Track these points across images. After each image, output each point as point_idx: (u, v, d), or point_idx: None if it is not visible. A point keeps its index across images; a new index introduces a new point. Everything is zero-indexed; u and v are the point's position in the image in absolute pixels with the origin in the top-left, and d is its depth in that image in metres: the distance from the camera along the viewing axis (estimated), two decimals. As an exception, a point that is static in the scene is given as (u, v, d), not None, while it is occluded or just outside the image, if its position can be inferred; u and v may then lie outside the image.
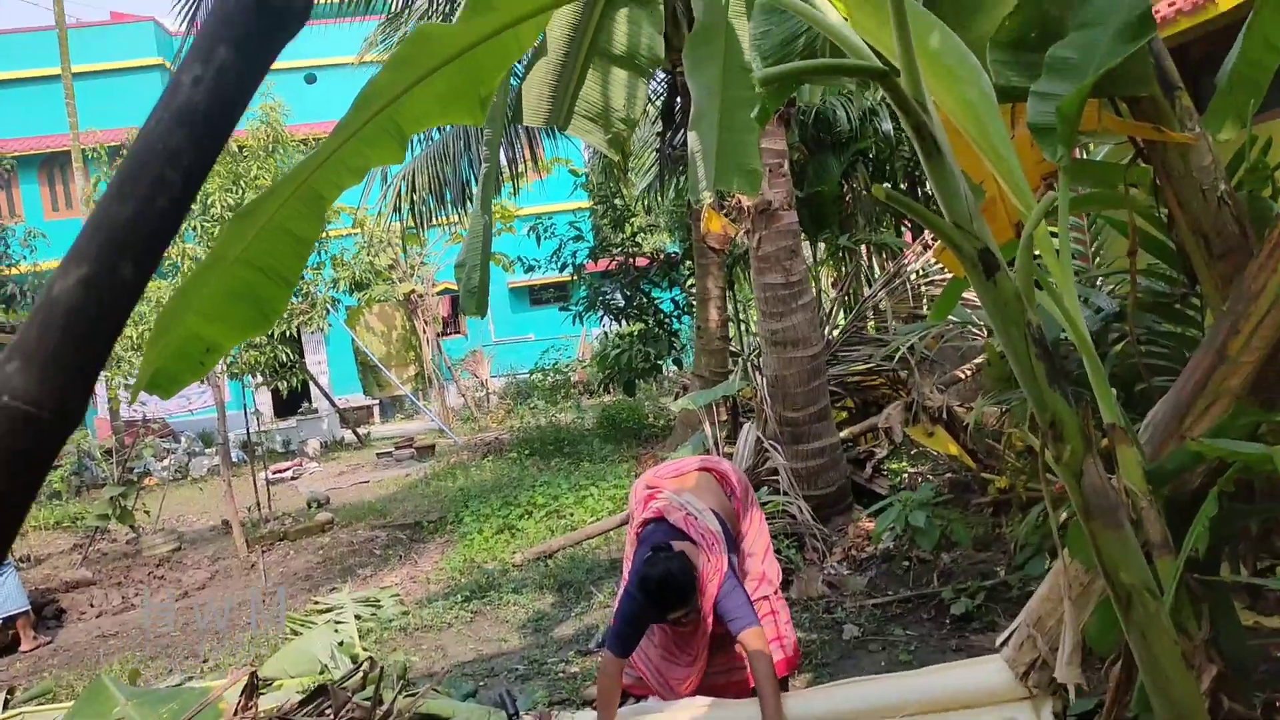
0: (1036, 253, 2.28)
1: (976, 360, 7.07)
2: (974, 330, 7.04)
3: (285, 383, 17.28)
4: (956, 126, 2.59)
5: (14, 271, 17.75)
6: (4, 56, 22.08)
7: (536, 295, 24.82)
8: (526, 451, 12.50)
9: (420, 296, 20.22)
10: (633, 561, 3.80)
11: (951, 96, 2.48)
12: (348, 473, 14.64)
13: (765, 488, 6.43)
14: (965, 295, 4.61)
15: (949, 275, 7.88)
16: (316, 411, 20.33)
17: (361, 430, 18.95)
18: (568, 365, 20.09)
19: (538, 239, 13.73)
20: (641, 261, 13.92)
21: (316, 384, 19.34)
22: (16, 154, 20.87)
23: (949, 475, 7.02)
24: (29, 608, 7.15)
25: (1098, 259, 4.95)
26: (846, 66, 2.08)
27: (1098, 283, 4.71)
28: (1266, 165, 3.29)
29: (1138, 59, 2.81)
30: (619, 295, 13.56)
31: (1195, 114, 3.08)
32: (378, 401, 22.68)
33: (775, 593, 3.96)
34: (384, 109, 2.02)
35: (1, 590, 6.91)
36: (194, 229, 15.60)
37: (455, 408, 20.32)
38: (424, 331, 20.55)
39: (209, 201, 15.24)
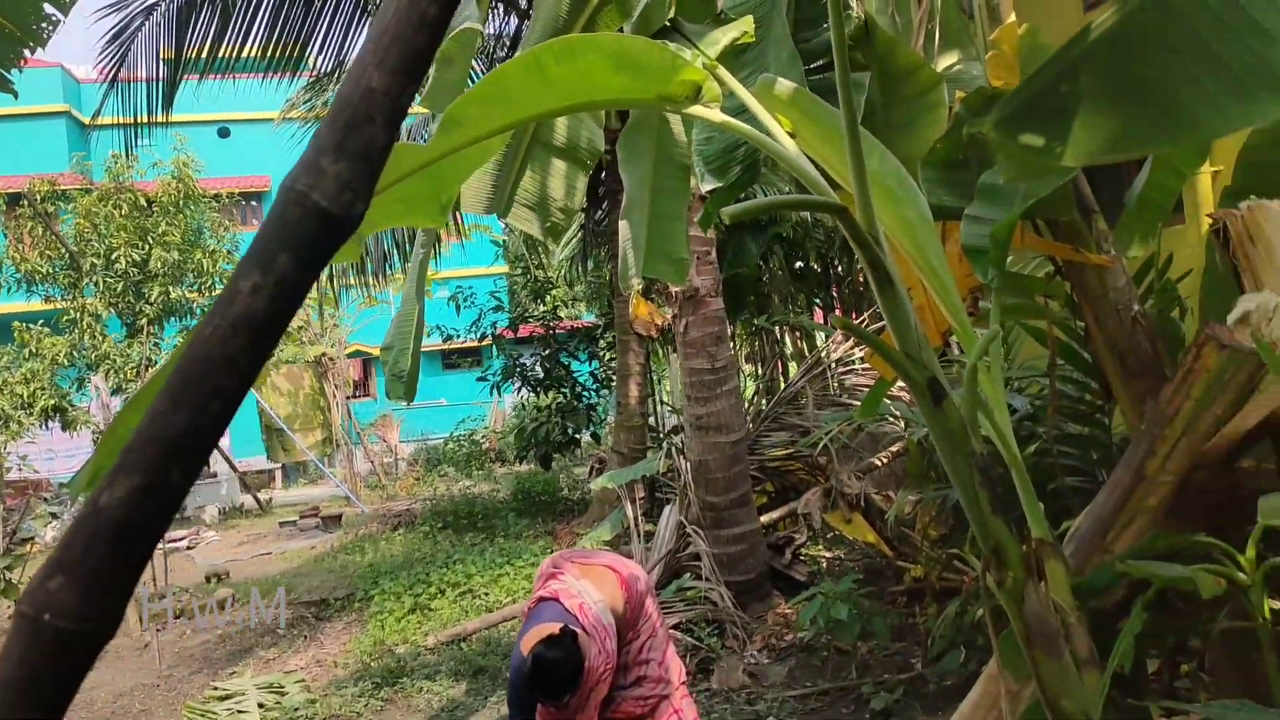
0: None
1: (893, 448, 7.22)
2: (891, 419, 7.21)
3: (185, 445, 16.67)
4: (894, 241, 2.69)
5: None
6: (-101, 97, 21.21)
7: (450, 360, 24.58)
8: (439, 524, 12.24)
9: (331, 359, 19.83)
10: (518, 636, 3.72)
11: (891, 215, 2.58)
12: (248, 543, 14.09)
13: (687, 573, 6.43)
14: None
15: (867, 366, 8.09)
16: (215, 476, 19.60)
17: (263, 496, 18.33)
18: (481, 434, 19.86)
19: (457, 308, 13.65)
20: (562, 329, 13.94)
21: (217, 447, 18.71)
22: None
23: (865, 561, 7.12)
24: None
25: (1013, 360, 5.15)
26: (807, 203, 2.15)
27: (1012, 383, 4.89)
28: (1173, 286, 3.48)
29: (1061, 186, 2.97)
30: (538, 367, 13.52)
31: (1110, 236, 3.26)
32: (281, 466, 22.00)
33: (679, 691, 3.88)
34: (344, 219, 2.01)
35: None
36: (96, 284, 15.10)
37: (363, 474, 19.84)
38: (333, 395, 20.12)
39: (114, 257, 14.80)
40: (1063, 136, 1.08)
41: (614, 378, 11.59)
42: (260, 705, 5.97)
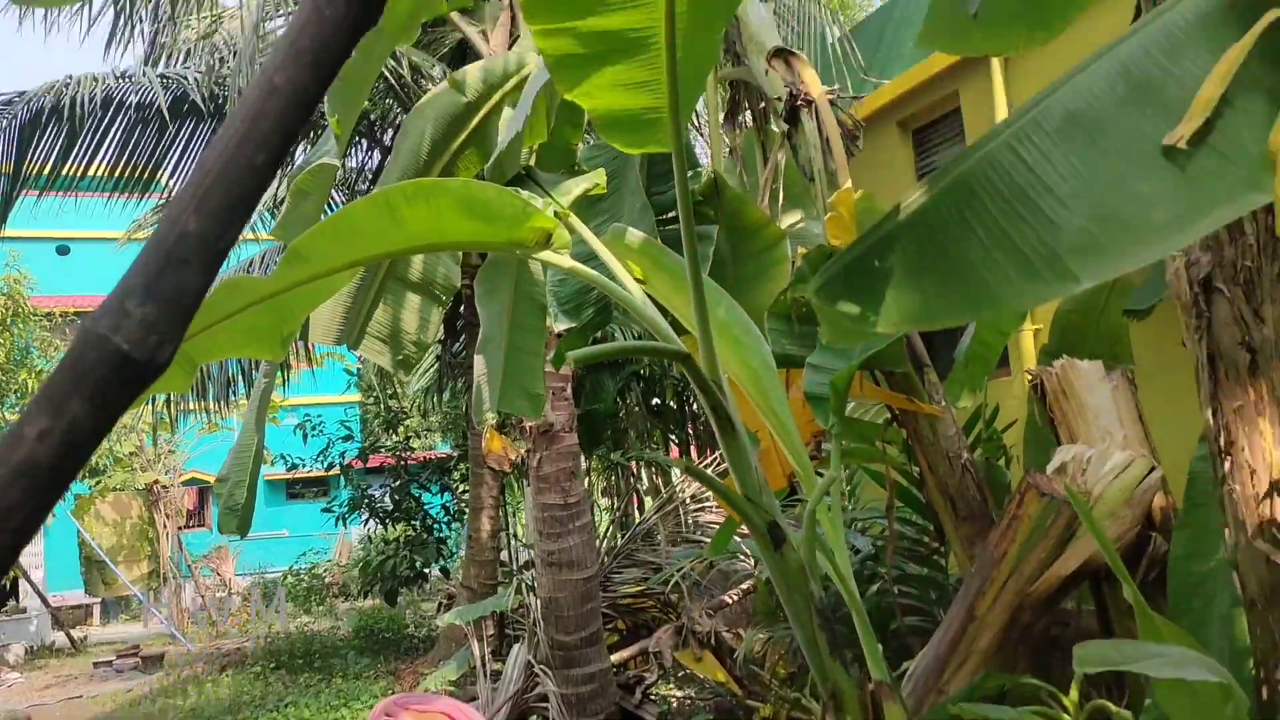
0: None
1: (743, 585, 7.25)
2: (741, 556, 7.26)
3: (-10, 579, 15.25)
4: (739, 387, 2.77)
5: None
6: None
7: (294, 489, 23.54)
8: (272, 664, 11.45)
9: (164, 487, 18.71)
10: None
11: (737, 362, 2.66)
12: (56, 686, 12.82)
13: (534, 715, 6.18)
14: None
15: (718, 505, 8.18)
16: (25, 611, 17.90)
17: (78, 633, 16.80)
18: (324, 568, 18.93)
19: (305, 436, 13.18)
20: (414, 460, 13.60)
21: (28, 579, 17.16)
22: None
23: (715, 700, 7.01)
24: None
25: (856, 501, 5.30)
26: (651, 349, 2.20)
27: (855, 524, 5.02)
28: (999, 435, 3.69)
29: (895, 341, 3.14)
30: (388, 498, 13.10)
31: (941, 388, 3.45)
32: (100, 601, 20.31)
33: None
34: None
35: None
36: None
37: (191, 609, 18.51)
38: (164, 525, 18.89)
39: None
40: (875, 306, 1.15)
41: (466, 510, 11.33)
42: None
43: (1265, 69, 1.22)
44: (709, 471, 7.79)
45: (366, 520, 13.61)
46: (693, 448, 12.37)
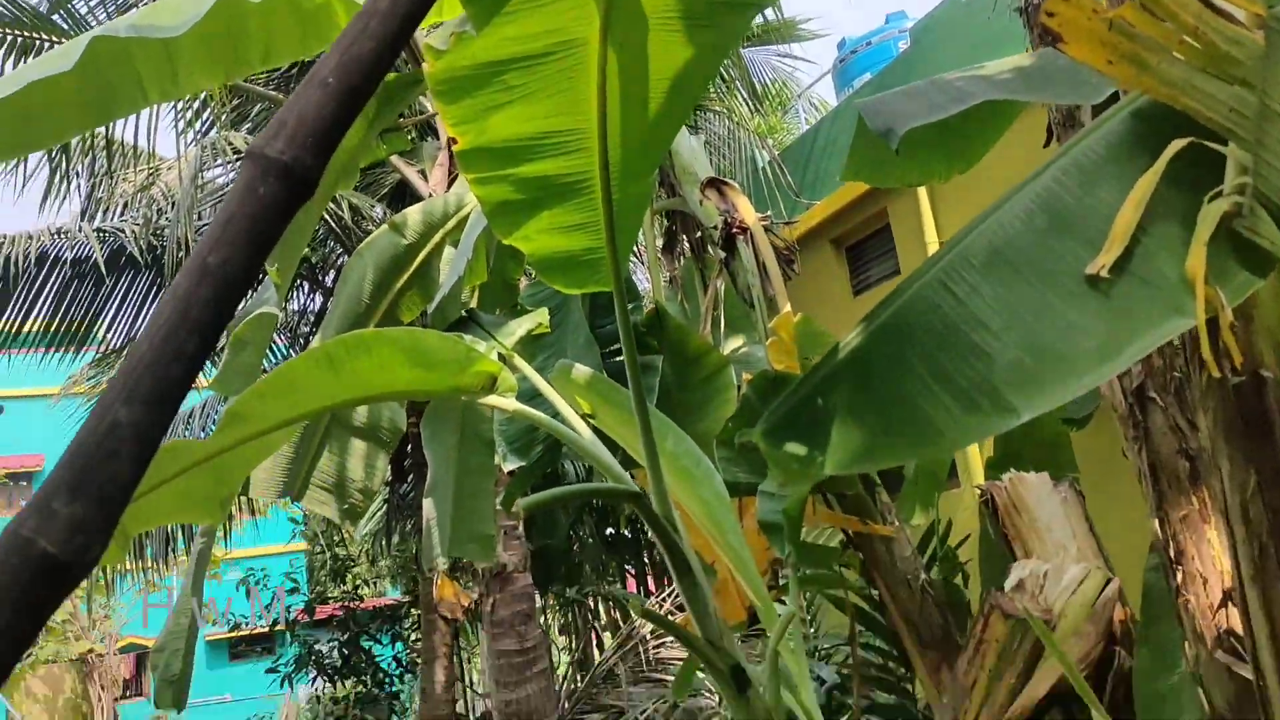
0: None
1: (709, 724, 7.02)
2: (705, 693, 7.06)
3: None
4: (693, 520, 2.74)
5: None
6: None
7: (237, 649, 22.53)
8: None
9: (99, 656, 17.79)
10: None
11: (688, 494, 2.63)
12: None
13: None
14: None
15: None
16: (-55, 802, 16.63)
17: (1, 824, 15.62)
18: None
19: (249, 593, 12.71)
20: (363, 608, 13.15)
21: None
22: None
23: None
24: None
25: (816, 629, 5.21)
26: (602, 491, 2.18)
27: (817, 652, 4.93)
28: (955, 554, 3.68)
29: (844, 464, 3.13)
30: (336, 653, 12.59)
31: (893, 507, 3.45)
32: (28, 784, 18.98)
33: None
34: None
35: None
36: None
37: (126, 788, 17.40)
38: (99, 698, 17.88)
39: None
40: (822, 446, 1.16)
41: (419, 661, 10.90)
42: None
43: (1177, 194, 1.28)
44: (668, 604, 7.66)
45: (314, 679, 13.02)
46: (649, 578, 12.16)
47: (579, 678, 8.65)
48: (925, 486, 3.75)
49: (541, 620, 8.81)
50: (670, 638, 8.10)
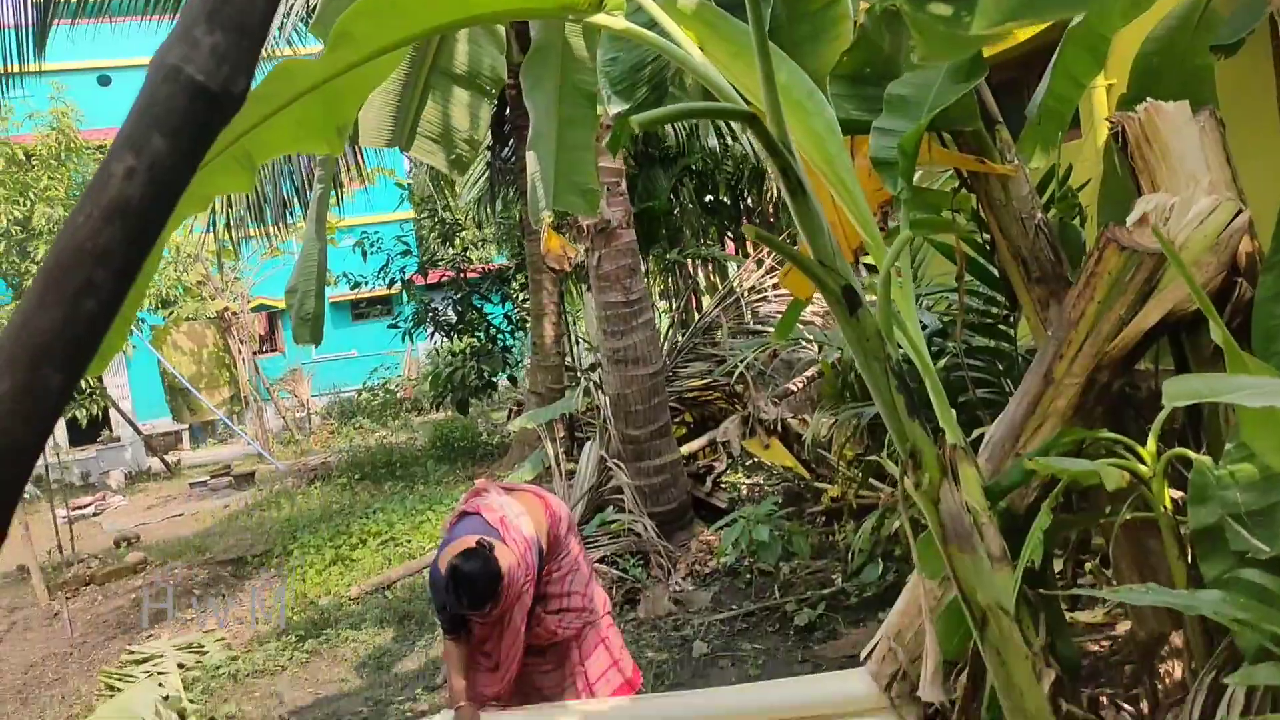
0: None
1: (807, 373, 7.33)
2: (804, 343, 7.31)
3: (84, 410, 16.00)
4: (804, 155, 2.67)
5: None
6: None
7: (359, 310, 24.04)
8: (356, 476, 12.07)
9: (235, 314, 19.20)
10: (439, 547, 3.68)
11: (800, 128, 2.55)
12: (158, 506, 13.70)
13: (610, 506, 6.46)
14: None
15: (780, 292, 8.16)
16: (119, 440, 18.93)
17: (171, 458, 17.79)
18: (395, 383, 19.54)
19: (364, 255, 13.30)
20: (473, 273, 13.71)
21: (118, 409, 18.04)
22: None
23: (784, 485, 7.25)
24: None
25: (921, 277, 5.23)
26: (717, 110, 2.11)
27: (921, 300, 4.98)
28: (1074, 194, 3.56)
29: (965, 96, 2.98)
30: (450, 310, 13.31)
31: (1013, 146, 3.30)
32: (188, 426, 21.37)
33: (604, 620, 3.90)
34: (237, 140, 1.92)
35: None
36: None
37: (274, 430, 19.40)
38: (239, 351, 19.53)
39: (-8, 215, 13.99)
40: (970, 6, 1.06)
41: (528, 318, 11.48)
42: (180, 665, 5.84)
43: None
44: (768, 262, 7.74)
45: (432, 334, 13.88)
46: (749, 244, 12.26)
47: (680, 334, 9.02)
48: (1049, 126, 3.55)
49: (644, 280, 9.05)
50: (769, 294, 8.29)
